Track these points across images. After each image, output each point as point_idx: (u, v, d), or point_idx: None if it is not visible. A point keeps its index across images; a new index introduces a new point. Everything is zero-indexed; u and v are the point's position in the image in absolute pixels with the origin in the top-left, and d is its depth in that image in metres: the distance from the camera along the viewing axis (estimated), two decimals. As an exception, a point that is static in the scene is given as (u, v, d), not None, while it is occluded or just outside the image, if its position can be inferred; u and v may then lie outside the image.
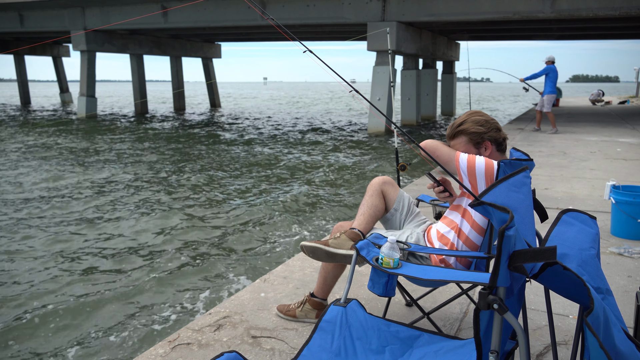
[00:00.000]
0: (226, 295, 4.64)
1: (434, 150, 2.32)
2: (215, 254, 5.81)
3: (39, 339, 3.96)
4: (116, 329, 4.06)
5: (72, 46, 24.37)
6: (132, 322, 4.18)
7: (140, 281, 5.02)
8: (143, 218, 7.28)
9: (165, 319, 4.23)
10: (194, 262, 5.56)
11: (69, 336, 3.97)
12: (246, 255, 5.80)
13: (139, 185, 9.51)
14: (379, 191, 2.57)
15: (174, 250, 5.92)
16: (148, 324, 4.16)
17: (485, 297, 1.11)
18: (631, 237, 4.12)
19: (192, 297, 4.66)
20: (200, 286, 4.91)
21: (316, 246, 2.42)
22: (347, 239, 2.42)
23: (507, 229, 1.12)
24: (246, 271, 5.29)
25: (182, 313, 4.34)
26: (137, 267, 5.43)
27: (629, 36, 26.60)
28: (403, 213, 2.59)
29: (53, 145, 15.00)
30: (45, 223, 7.05)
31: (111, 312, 4.34)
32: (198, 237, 6.40)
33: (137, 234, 6.60)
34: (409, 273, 1.85)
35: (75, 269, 5.39)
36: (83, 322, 4.19)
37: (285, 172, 10.81)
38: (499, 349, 1.19)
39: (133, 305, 4.48)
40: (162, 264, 5.50)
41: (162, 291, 4.80)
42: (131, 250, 5.98)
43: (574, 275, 1.20)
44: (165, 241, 6.28)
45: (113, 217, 7.33)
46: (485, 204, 1.23)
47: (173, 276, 5.16)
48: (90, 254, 5.83)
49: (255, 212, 7.62)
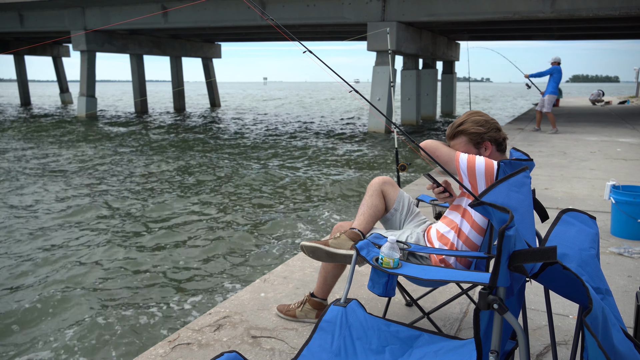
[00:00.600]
0: (226, 296, 4.64)
1: (434, 150, 2.32)
2: (215, 254, 5.81)
3: (36, 338, 3.96)
4: (116, 329, 4.06)
5: (72, 46, 24.38)
6: (132, 321, 4.18)
7: (140, 281, 5.03)
8: (143, 218, 7.28)
9: (165, 319, 4.23)
10: (194, 262, 5.56)
11: (68, 335, 3.96)
12: (246, 255, 5.80)
13: (140, 185, 9.52)
14: (379, 191, 2.57)
15: (173, 250, 5.92)
16: (148, 323, 4.16)
17: (485, 297, 1.12)
18: (631, 237, 4.13)
19: (192, 297, 4.66)
20: (200, 286, 4.91)
21: (316, 246, 2.42)
22: (347, 239, 2.42)
23: (507, 229, 1.13)
24: (246, 271, 5.29)
25: (182, 313, 4.34)
26: (137, 266, 5.43)
27: (629, 36, 26.60)
28: (403, 213, 2.59)
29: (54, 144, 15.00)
30: (45, 223, 7.05)
31: (111, 312, 4.34)
32: (198, 237, 6.40)
33: (137, 233, 6.60)
34: (409, 273, 1.86)
35: (75, 268, 5.39)
36: (83, 322, 4.19)
37: (285, 172, 10.81)
38: (499, 349, 1.19)
39: (133, 305, 4.48)
40: (162, 263, 5.51)
41: (162, 291, 4.80)
42: (131, 250, 5.98)
43: (573, 275, 1.20)
44: (165, 241, 6.28)
45: (114, 216, 7.33)
46: (485, 204, 1.23)
47: (173, 276, 5.16)
48: (90, 255, 5.83)
49: (255, 211, 7.62)
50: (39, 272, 5.32)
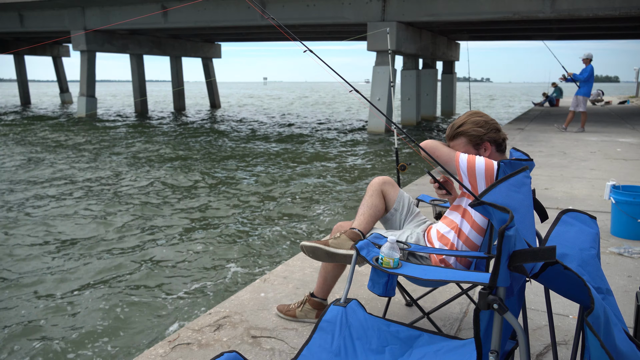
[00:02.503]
0: (226, 295, 4.64)
1: (434, 150, 2.32)
2: (215, 254, 5.81)
3: (32, 339, 3.95)
4: (116, 329, 4.06)
5: (72, 46, 24.38)
6: (131, 322, 4.18)
7: (140, 281, 5.03)
8: (143, 218, 7.28)
9: (165, 319, 4.23)
10: (194, 262, 5.56)
11: (68, 335, 3.96)
12: (246, 254, 5.80)
13: (140, 185, 9.52)
14: (379, 191, 2.57)
15: (173, 250, 5.92)
16: (148, 323, 4.16)
17: (485, 297, 1.11)
18: (631, 237, 4.12)
19: (191, 297, 4.66)
20: (200, 286, 4.91)
21: (316, 246, 2.42)
22: (347, 239, 2.42)
23: (507, 229, 1.12)
24: (246, 271, 5.29)
25: (182, 313, 4.34)
26: (136, 267, 5.43)
27: (629, 36, 26.60)
28: (403, 213, 2.59)
29: (53, 144, 15.00)
30: (44, 224, 7.05)
31: (111, 312, 4.33)
32: (197, 237, 6.40)
33: (137, 233, 6.60)
34: (409, 273, 1.85)
35: (75, 269, 5.38)
36: (82, 321, 4.18)
37: (285, 172, 10.81)
38: (499, 349, 1.19)
39: (132, 305, 4.47)
40: (162, 263, 5.50)
41: (162, 291, 4.80)
42: (130, 250, 5.98)
43: (574, 275, 1.20)
44: (165, 241, 6.28)
45: (115, 215, 7.33)
46: (485, 204, 1.23)
47: (172, 276, 5.16)
48: (90, 254, 5.83)
49: (254, 211, 7.62)
50: (36, 273, 5.32)
